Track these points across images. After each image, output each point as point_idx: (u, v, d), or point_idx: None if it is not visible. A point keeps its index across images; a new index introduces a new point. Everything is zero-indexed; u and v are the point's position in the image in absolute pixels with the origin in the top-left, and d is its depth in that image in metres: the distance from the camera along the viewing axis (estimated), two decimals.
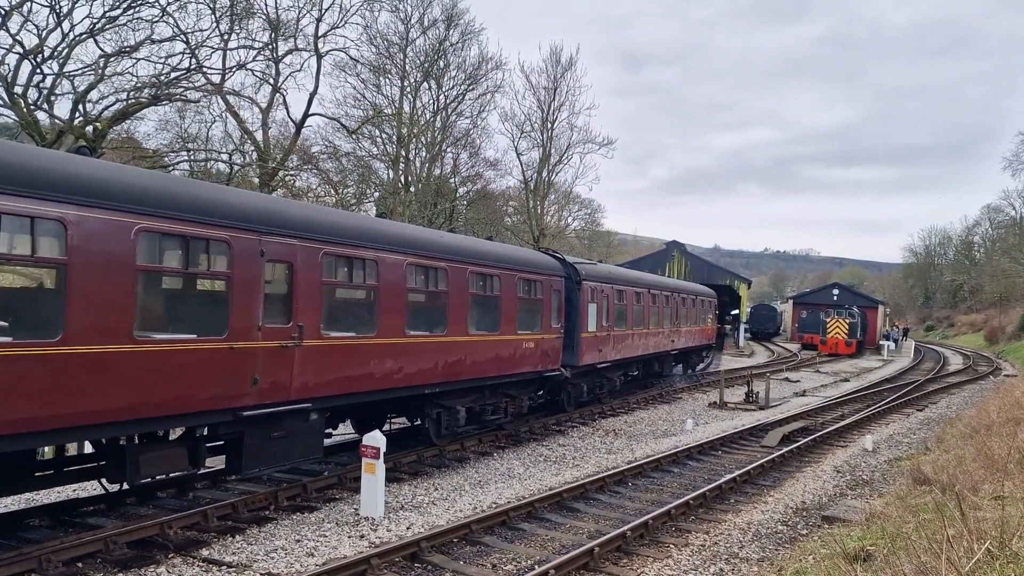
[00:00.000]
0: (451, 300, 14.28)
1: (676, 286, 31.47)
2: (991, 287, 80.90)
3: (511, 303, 16.31)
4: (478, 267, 15.13)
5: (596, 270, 21.49)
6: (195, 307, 10.67)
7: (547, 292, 17.89)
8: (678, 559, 9.58)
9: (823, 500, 12.80)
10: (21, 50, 22.15)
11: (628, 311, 23.67)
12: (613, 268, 25.11)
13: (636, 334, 24.59)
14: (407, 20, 37.97)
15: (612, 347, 22.13)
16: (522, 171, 47.56)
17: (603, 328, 21.11)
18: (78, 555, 8.58)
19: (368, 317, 12.41)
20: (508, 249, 17.88)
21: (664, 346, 28.16)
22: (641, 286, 25.43)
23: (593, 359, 20.65)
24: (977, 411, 20.64)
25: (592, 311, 20.30)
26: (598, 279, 21.06)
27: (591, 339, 20.34)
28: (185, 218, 9.16)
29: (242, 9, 27.70)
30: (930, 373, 39.89)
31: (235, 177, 30.10)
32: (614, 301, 22.19)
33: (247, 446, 10.21)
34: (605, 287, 21.47)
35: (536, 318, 17.48)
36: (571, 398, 20.74)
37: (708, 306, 35.98)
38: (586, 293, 19.93)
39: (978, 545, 6.11)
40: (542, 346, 17.65)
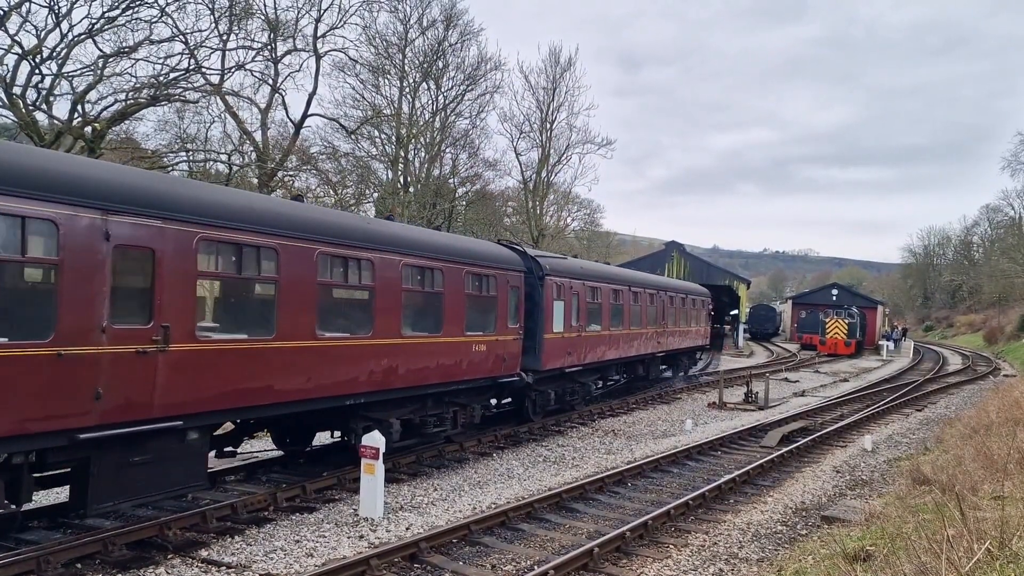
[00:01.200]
0: (379, 297, 12.44)
1: (663, 284, 29.44)
2: (990, 287, 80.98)
3: (457, 300, 14.52)
4: (416, 259, 13.36)
5: (563, 265, 19.73)
6: (9, 304, 7.93)
7: (502, 288, 16.06)
8: (677, 559, 9.58)
9: (822, 500, 12.80)
10: (20, 50, 22.15)
11: (604, 310, 21.80)
12: (585, 263, 22.88)
13: (615, 335, 22.69)
14: (406, 20, 38.01)
15: (584, 349, 20.29)
16: (521, 171, 47.63)
17: (573, 329, 19.36)
18: (77, 556, 8.56)
19: (265, 316, 10.62)
20: (454, 239, 15.94)
21: (649, 348, 26.26)
22: (620, 283, 23.59)
23: (560, 362, 18.88)
24: (976, 411, 20.65)
25: (558, 310, 18.55)
26: (566, 274, 19.29)
27: (558, 341, 18.60)
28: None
29: (241, 9, 27.71)
30: (929, 373, 39.90)
31: (234, 177, 30.09)
32: (587, 299, 20.40)
33: (96, 476, 8.54)
34: (575, 283, 19.65)
35: (489, 317, 15.72)
36: (536, 406, 18.93)
37: (701, 306, 34.18)
38: (550, 290, 18.15)
39: (978, 545, 6.11)
40: (496, 349, 15.84)
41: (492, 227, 45.63)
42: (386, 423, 12.99)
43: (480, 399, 16.17)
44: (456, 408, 15.16)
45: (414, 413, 13.96)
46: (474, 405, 15.84)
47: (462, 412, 15.36)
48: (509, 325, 16.39)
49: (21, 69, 22.41)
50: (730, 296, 59.12)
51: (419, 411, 14.09)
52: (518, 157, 47.02)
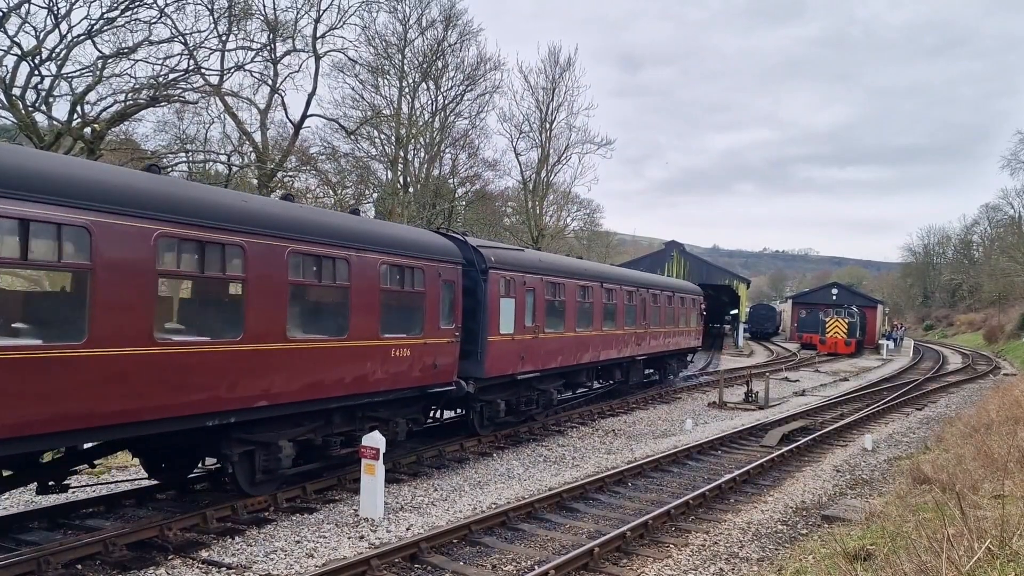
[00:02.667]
0: (254, 292, 10.01)
1: (643, 280, 26.79)
2: (990, 286, 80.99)
3: (369, 297, 12.18)
4: (308, 246, 10.98)
5: (513, 257, 17.32)
6: None
7: (433, 283, 13.83)
8: (678, 559, 9.58)
9: (823, 500, 12.80)
10: (19, 51, 22.13)
11: (569, 309, 19.51)
12: (545, 255, 20.69)
13: (583, 337, 20.44)
14: (405, 21, 37.97)
15: (543, 353, 18.11)
16: (521, 171, 47.59)
17: (526, 330, 17.12)
18: (77, 557, 8.57)
19: (73, 315, 8.32)
20: (365, 223, 13.12)
21: (628, 351, 23.99)
22: (589, 278, 21.18)
23: (510, 368, 16.61)
24: (976, 410, 20.64)
25: (507, 308, 16.28)
26: (517, 268, 16.91)
27: (506, 344, 16.27)
28: None
29: (240, 10, 27.70)
30: (929, 372, 39.91)
31: (234, 178, 30.10)
32: (545, 296, 18.04)
33: None
34: (529, 278, 17.30)
35: (415, 317, 13.55)
36: (484, 418, 16.66)
37: (692, 304, 31.78)
38: (496, 285, 15.84)
39: (978, 544, 6.11)
40: (425, 354, 13.62)
41: (492, 227, 45.63)
42: (274, 446, 10.88)
43: (406, 412, 13.81)
44: (375, 424, 12.92)
45: (315, 432, 11.75)
46: (398, 420, 13.49)
47: (383, 428, 12.97)
48: (442, 326, 14.10)
49: (20, 70, 22.40)
50: (730, 296, 59.19)
51: (322, 430, 11.90)
52: (517, 157, 47.02)
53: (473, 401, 16.04)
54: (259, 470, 10.85)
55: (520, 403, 17.88)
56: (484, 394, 16.18)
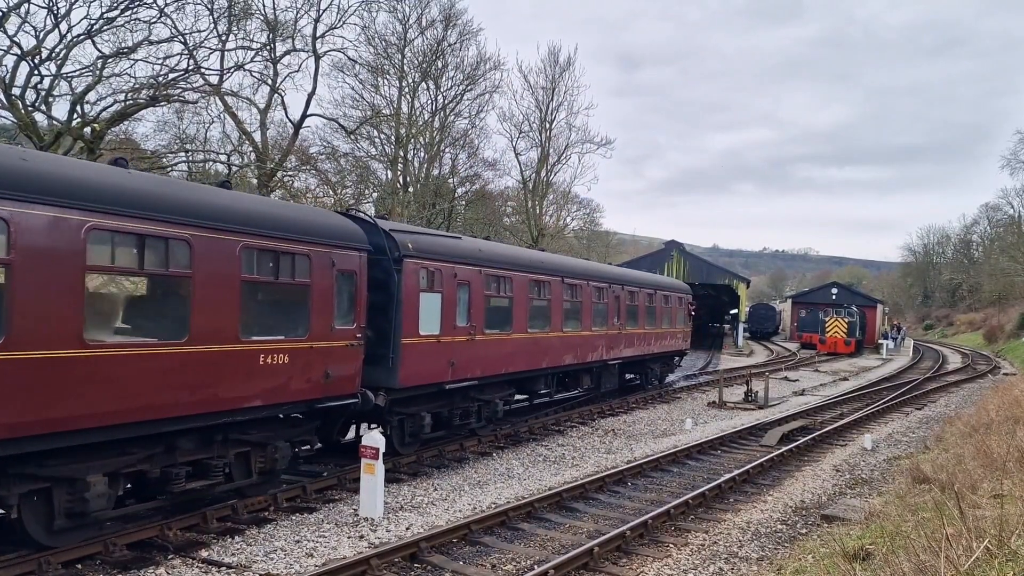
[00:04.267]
0: (23, 282, 7.55)
1: (618, 276, 24.22)
2: (990, 286, 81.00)
3: (222, 290, 9.65)
4: (121, 221, 8.49)
5: (440, 244, 14.78)
6: None
7: (323, 273, 11.34)
8: (677, 559, 9.59)
9: (822, 499, 12.81)
10: (19, 51, 22.15)
11: (518, 307, 17.04)
12: (485, 244, 17.84)
13: (537, 340, 17.94)
14: (405, 20, 38.00)
15: (481, 358, 15.61)
16: (520, 171, 47.63)
17: (458, 331, 14.71)
18: (77, 557, 8.58)
19: None
20: (212, 195, 10.22)
21: (597, 355, 21.56)
22: (545, 272, 18.52)
23: (436, 376, 14.26)
24: (976, 410, 20.66)
25: (430, 305, 13.93)
26: (445, 257, 14.49)
27: (429, 347, 13.93)
28: None
29: (240, 10, 27.72)
30: (929, 372, 39.92)
31: (234, 178, 30.10)
32: (485, 291, 15.70)
33: None
34: (463, 270, 14.88)
35: (297, 315, 11.10)
36: (405, 435, 14.15)
37: (678, 303, 29.25)
38: (414, 277, 13.45)
39: (977, 543, 6.12)
40: (314, 360, 11.15)
41: (492, 226, 45.64)
42: (79, 482, 8.44)
43: (292, 433, 11.48)
44: (245, 449, 10.71)
45: (150, 462, 9.41)
46: (278, 443, 11.06)
47: (258, 453, 10.85)
48: (337, 326, 11.61)
49: (20, 70, 22.43)
50: (730, 295, 59.18)
51: (161, 459, 9.55)
52: (517, 157, 47.06)
53: (389, 415, 13.59)
54: (59, 514, 8.42)
55: (454, 416, 15.34)
56: (402, 407, 13.82)
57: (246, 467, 10.82)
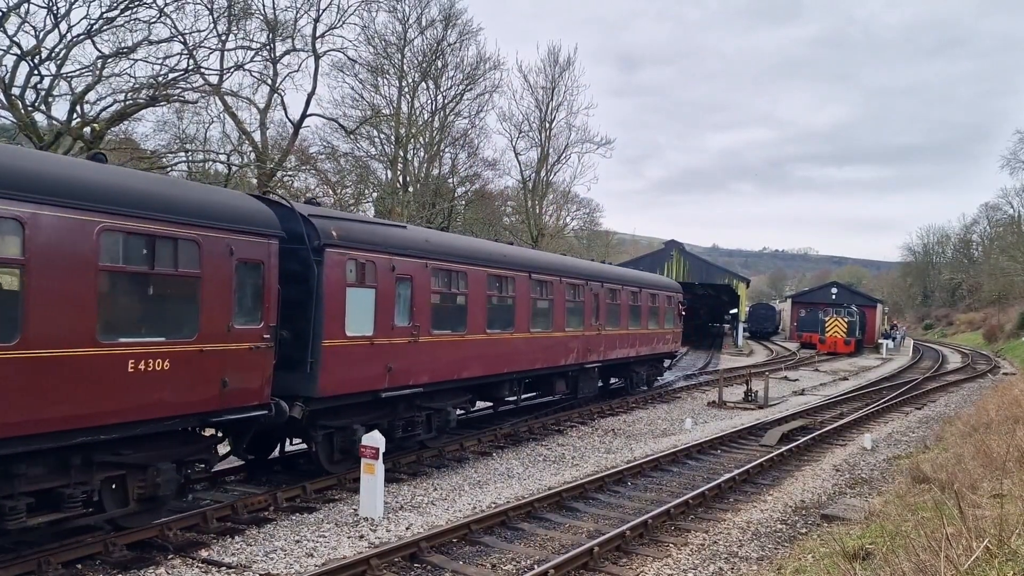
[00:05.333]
0: None
1: (596, 272, 22.24)
2: (989, 286, 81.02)
3: (71, 281, 8.06)
4: None
5: (372, 233, 12.92)
6: None
7: (217, 263, 9.68)
8: (677, 558, 9.59)
9: (822, 499, 12.81)
10: (19, 51, 22.16)
11: (474, 305, 15.36)
12: (433, 233, 16.01)
13: (499, 342, 16.28)
14: (405, 20, 38.02)
15: (427, 362, 13.89)
16: (520, 171, 47.68)
17: (397, 331, 13.01)
18: (77, 557, 8.58)
19: None
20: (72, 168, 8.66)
21: (572, 358, 19.87)
22: (508, 267, 16.71)
23: (368, 382, 12.54)
24: (976, 409, 20.67)
25: (361, 302, 12.27)
26: (380, 248, 12.68)
27: (359, 350, 12.19)
28: None
29: (240, 10, 27.74)
30: (929, 372, 39.94)
31: (233, 178, 30.11)
32: (432, 287, 14.08)
33: None
34: (403, 263, 13.13)
35: (181, 313, 9.45)
36: (332, 450, 12.47)
37: (667, 302, 27.25)
38: (339, 270, 11.76)
39: (977, 543, 6.12)
40: (203, 366, 9.49)
41: (492, 226, 45.67)
42: None
43: (179, 453, 9.72)
44: (120, 472, 9.06)
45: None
46: (160, 466, 9.33)
47: (137, 478, 9.20)
48: (237, 326, 9.96)
49: (20, 70, 22.45)
50: (730, 295, 59.22)
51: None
52: (517, 157, 47.12)
53: (312, 429, 11.93)
54: None
55: (396, 428, 13.59)
56: (329, 418, 12.13)
57: (122, 494, 9.13)
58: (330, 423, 12.23)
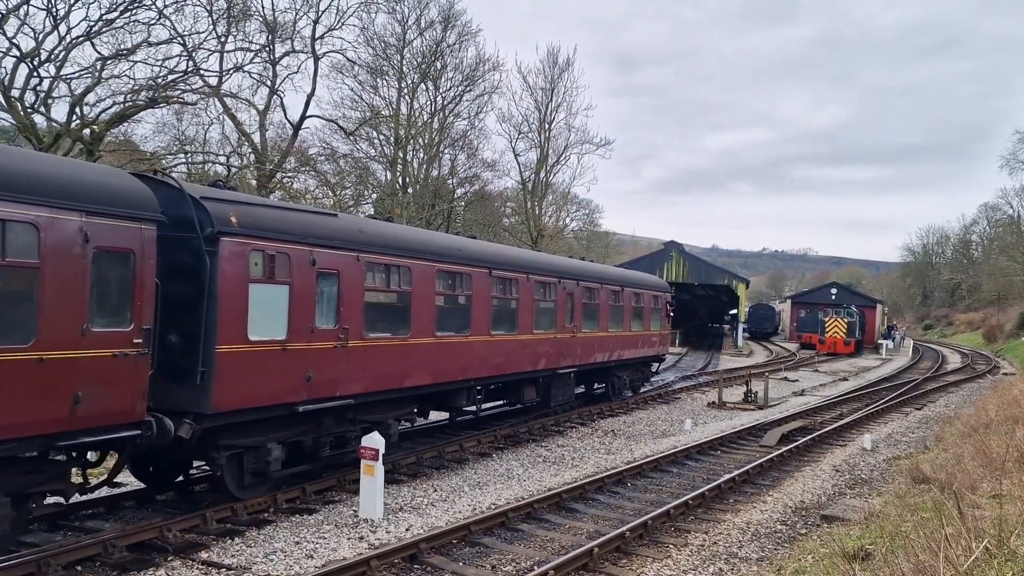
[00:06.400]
0: None
1: (571, 269, 20.55)
2: (989, 286, 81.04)
3: None
4: None
5: (285, 220, 11.12)
6: None
7: (65, 252, 8.14)
8: (677, 559, 9.60)
9: (822, 499, 12.82)
10: (18, 53, 22.17)
11: (419, 305, 13.66)
12: (367, 222, 14.00)
13: (453, 345, 14.71)
14: (404, 22, 38.03)
15: (360, 368, 12.20)
16: (520, 172, 47.67)
17: (319, 334, 11.34)
18: (77, 558, 8.58)
19: None
20: None
21: (543, 362, 18.42)
22: (463, 262, 15.12)
23: (278, 394, 10.81)
24: (975, 410, 20.66)
25: (270, 300, 10.59)
26: (293, 237, 10.96)
27: (268, 356, 10.55)
28: None
29: (239, 11, 27.75)
30: (928, 372, 39.94)
31: (233, 179, 30.11)
32: (366, 284, 12.40)
33: None
34: (327, 255, 11.48)
35: (16, 312, 7.89)
36: (243, 473, 10.79)
37: (654, 303, 25.50)
38: (238, 262, 10.12)
39: (976, 543, 6.12)
40: (40, 379, 7.93)
41: (491, 227, 45.69)
42: None
43: (13, 485, 8.27)
44: None
45: None
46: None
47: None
48: (93, 328, 8.41)
49: (19, 72, 22.45)
50: (729, 295, 59.22)
51: None
52: (516, 158, 47.10)
53: (214, 449, 10.23)
54: None
55: (323, 445, 12.00)
56: (233, 437, 10.40)
57: None
58: (236, 442, 10.49)
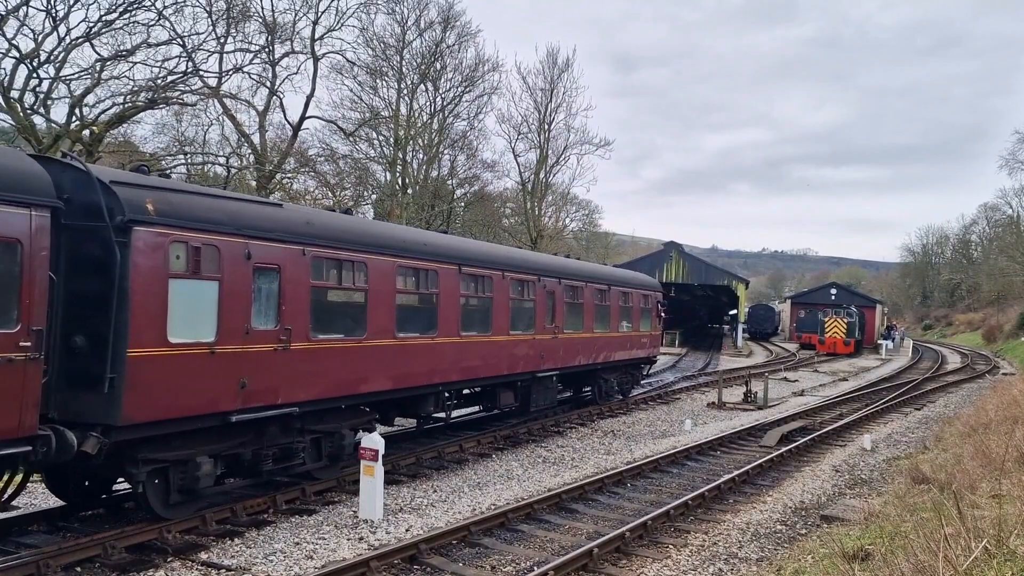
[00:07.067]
0: None
1: (553, 266, 19.42)
2: (989, 286, 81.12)
3: None
4: None
5: (215, 208, 9.98)
6: None
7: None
8: (677, 559, 9.60)
9: (822, 500, 12.82)
10: (17, 54, 22.17)
11: (378, 302, 12.58)
12: (315, 212, 13.37)
13: (414, 346, 13.53)
14: (403, 22, 38.06)
15: (306, 373, 11.10)
16: (519, 172, 47.68)
17: (256, 336, 10.24)
18: (77, 560, 8.58)
19: None
20: None
21: (522, 365, 17.34)
22: (428, 257, 13.99)
23: (205, 403, 9.68)
24: (975, 410, 20.67)
25: (195, 298, 9.53)
26: (223, 227, 9.85)
27: (193, 361, 9.43)
28: None
29: (238, 12, 27.76)
30: (928, 372, 39.95)
31: (233, 180, 30.12)
32: (313, 280, 11.25)
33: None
34: (265, 248, 10.40)
35: None
36: (170, 490, 9.67)
37: (643, 302, 24.33)
38: (156, 255, 9.01)
39: (976, 543, 6.13)
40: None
41: (491, 228, 45.69)
42: None
43: None
44: None
45: None
46: None
47: None
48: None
49: (19, 73, 22.46)
50: (729, 296, 59.27)
51: None
52: (516, 158, 47.12)
53: (130, 465, 9.20)
54: None
55: (264, 458, 10.84)
56: (154, 451, 9.33)
57: None
58: (158, 456, 9.40)
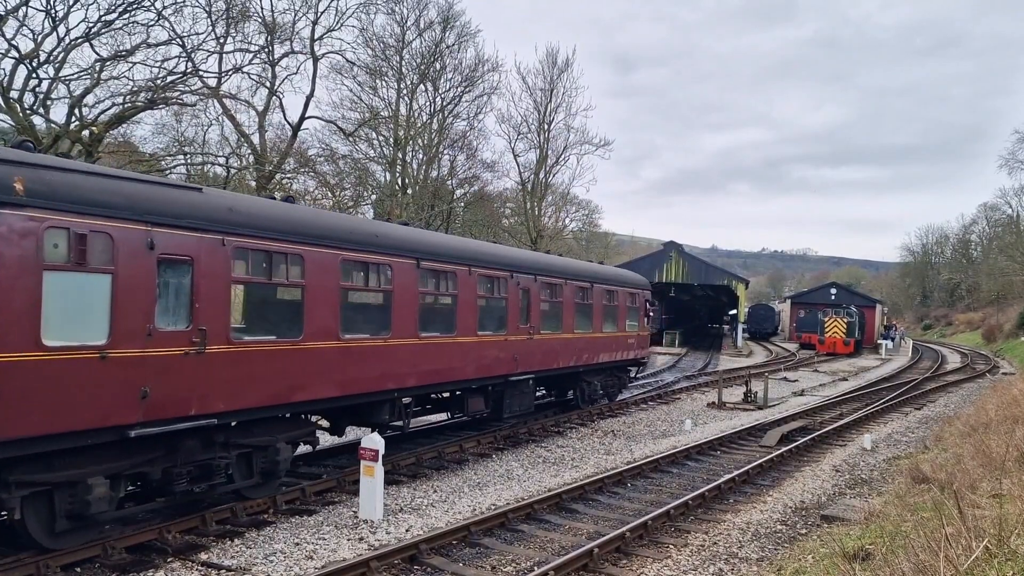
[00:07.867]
0: None
1: (524, 260, 18.09)
2: (988, 285, 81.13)
3: None
4: None
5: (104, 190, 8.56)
6: None
7: None
8: (677, 559, 9.59)
9: (822, 499, 12.81)
10: (17, 54, 22.18)
11: (318, 298, 11.22)
12: (239, 198, 11.68)
13: (360, 349, 12.11)
14: (403, 22, 38.08)
15: (228, 379, 9.81)
16: (519, 172, 47.68)
17: (161, 337, 8.89)
18: (76, 560, 8.57)
19: None
20: None
21: (495, 368, 16.08)
22: (379, 249, 12.60)
23: (93, 417, 8.24)
24: (975, 409, 20.66)
25: (79, 293, 8.26)
26: (123, 212, 8.57)
27: (78, 366, 8.07)
28: None
29: (238, 12, 27.76)
30: (928, 372, 39.95)
31: (232, 180, 30.12)
32: (234, 273, 10.02)
33: None
34: (173, 237, 9.11)
35: None
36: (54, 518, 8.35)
37: (630, 301, 23.00)
38: (24, 242, 7.66)
39: (976, 543, 6.12)
40: None
41: (490, 228, 45.69)
42: None
43: None
44: None
45: None
46: None
47: None
48: None
49: (18, 73, 22.47)
50: (729, 296, 59.24)
51: None
52: (516, 158, 47.14)
53: (3, 489, 7.86)
54: None
55: (178, 477, 9.67)
56: (31, 472, 8.04)
57: None
58: (37, 478, 8.10)
